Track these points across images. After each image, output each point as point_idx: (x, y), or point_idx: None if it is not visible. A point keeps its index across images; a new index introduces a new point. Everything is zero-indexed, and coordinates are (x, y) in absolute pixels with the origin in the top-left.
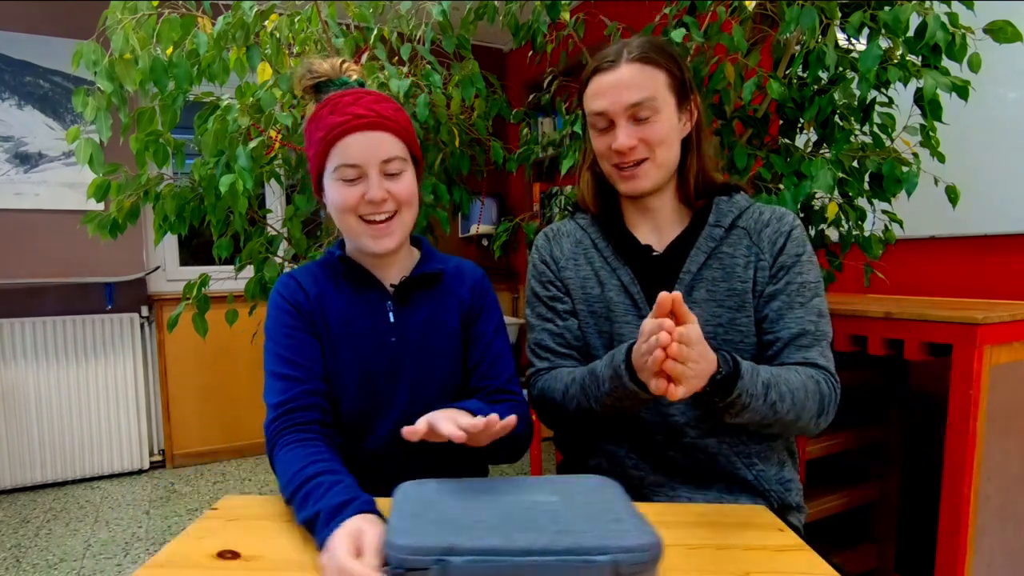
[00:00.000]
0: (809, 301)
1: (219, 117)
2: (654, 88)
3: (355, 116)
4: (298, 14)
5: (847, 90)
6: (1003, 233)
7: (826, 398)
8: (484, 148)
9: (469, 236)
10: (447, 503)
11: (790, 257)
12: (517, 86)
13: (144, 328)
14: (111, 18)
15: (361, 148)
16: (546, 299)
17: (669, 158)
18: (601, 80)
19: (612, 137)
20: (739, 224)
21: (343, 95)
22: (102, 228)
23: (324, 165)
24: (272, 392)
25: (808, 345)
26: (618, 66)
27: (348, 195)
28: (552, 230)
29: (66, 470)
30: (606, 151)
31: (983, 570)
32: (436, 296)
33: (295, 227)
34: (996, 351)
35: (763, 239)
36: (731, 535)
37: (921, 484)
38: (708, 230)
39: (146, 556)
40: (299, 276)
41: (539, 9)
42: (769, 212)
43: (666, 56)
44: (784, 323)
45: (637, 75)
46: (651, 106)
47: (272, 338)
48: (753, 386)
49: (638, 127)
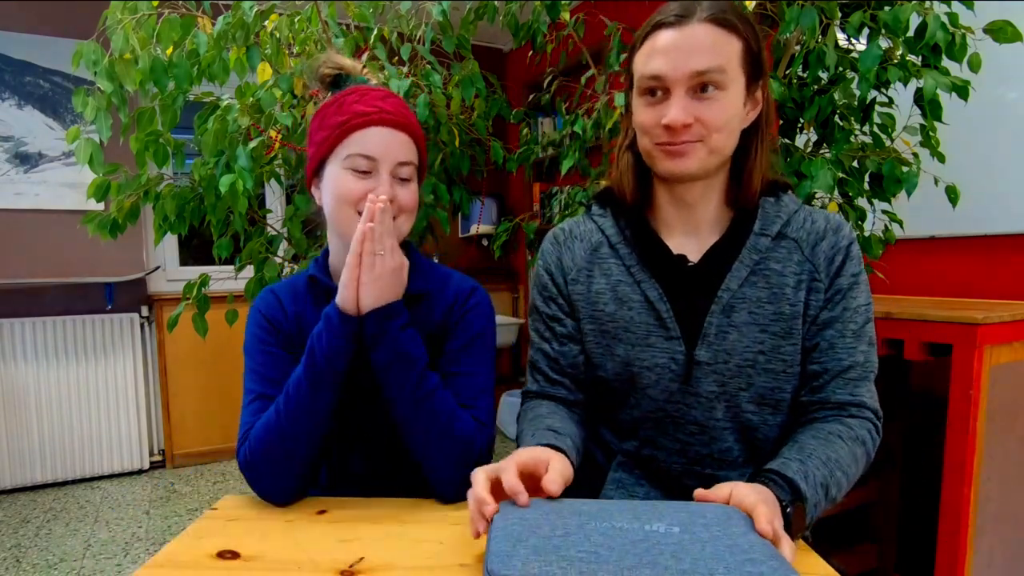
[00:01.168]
0: (861, 328)
1: (219, 117)
2: (727, 57)
3: (382, 111)
4: (298, 14)
5: (847, 90)
6: (1003, 233)
7: (871, 452)
8: (484, 148)
9: (469, 236)
10: (553, 527)
11: (848, 279)
12: (517, 86)
13: (144, 328)
14: (111, 18)
15: (381, 142)
16: (546, 316)
17: (726, 145)
18: (663, 37)
19: (663, 109)
20: (788, 234)
21: (371, 89)
22: (102, 228)
23: (333, 151)
24: (245, 412)
25: (857, 379)
26: (688, 23)
27: (354, 186)
28: (564, 231)
29: (66, 470)
30: (652, 125)
31: (983, 570)
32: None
33: (295, 227)
34: (996, 351)
35: (818, 255)
36: None
37: (921, 484)
38: (753, 240)
39: (146, 556)
40: (279, 292)
41: (539, 9)
42: (823, 220)
43: (746, 23)
44: (835, 353)
45: (710, 38)
46: (719, 80)
47: (250, 354)
48: (816, 494)
49: (698, 102)
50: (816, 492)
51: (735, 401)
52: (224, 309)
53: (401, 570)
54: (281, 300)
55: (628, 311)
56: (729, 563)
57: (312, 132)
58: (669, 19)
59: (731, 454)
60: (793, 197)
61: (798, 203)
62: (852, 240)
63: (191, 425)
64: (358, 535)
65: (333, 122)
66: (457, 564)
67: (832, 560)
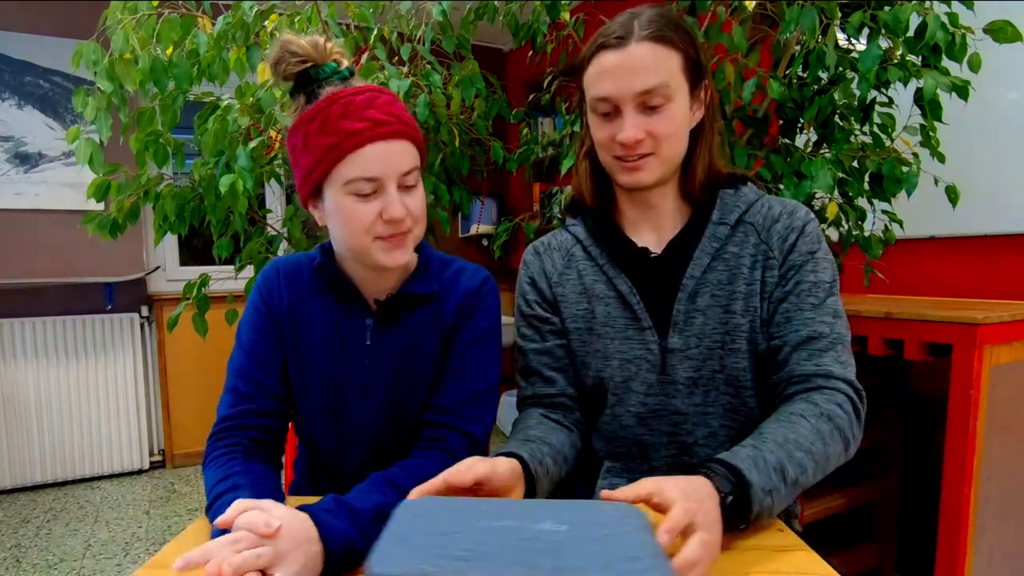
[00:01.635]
0: (823, 302)
1: (219, 117)
2: (668, 72)
3: (375, 123)
4: (298, 14)
5: (847, 90)
6: (1003, 233)
7: (846, 428)
8: (484, 148)
9: (469, 236)
10: (443, 525)
11: (801, 255)
12: (517, 86)
13: (144, 328)
14: (111, 18)
15: (382, 159)
16: (534, 319)
17: (677, 151)
18: (607, 59)
19: (616, 126)
20: (746, 219)
21: (354, 94)
22: (102, 228)
23: (328, 176)
24: (222, 404)
25: (822, 350)
26: (628, 44)
27: (364, 213)
28: (543, 244)
29: (66, 470)
30: (608, 141)
31: (983, 570)
32: (421, 318)
33: (295, 227)
34: (996, 351)
35: (772, 236)
36: (731, 535)
37: (921, 484)
38: (712, 228)
39: (146, 556)
40: (283, 272)
41: (539, 9)
42: (779, 206)
43: (682, 33)
44: (792, 326)
45: (650, 57)
46: (664, 93)
47: (239, 342)
48: (768, 480)
49: (647, 117)
50: (769, 477)
51: (712, 384)
52: (224, 309)
53: None
54: (281, 280)
55: (605, 307)
56: (606, 561)
57: (295, 152)
58: (611, 41)
59: (717, 438)
60: (753, 188)
61: (759, 194)
62: (807, 221)
63: (191, 425)
64: None
65: (321, 144)
66: None
67: (832, 560)
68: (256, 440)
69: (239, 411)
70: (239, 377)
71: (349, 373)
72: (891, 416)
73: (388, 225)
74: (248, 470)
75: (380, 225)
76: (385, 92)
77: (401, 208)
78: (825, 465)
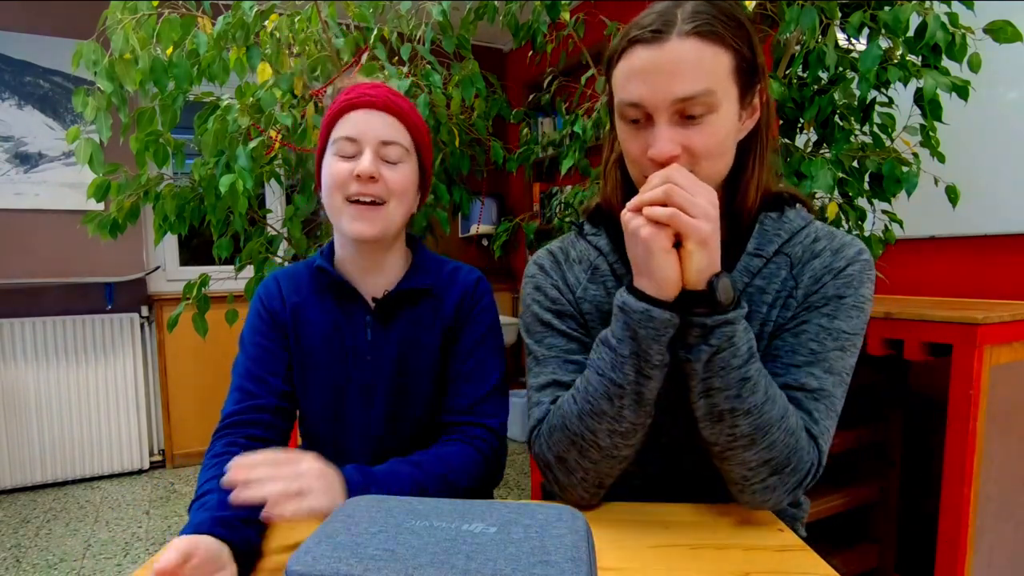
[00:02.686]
0: (824, 352)
1: (219, 117)
2: (715, 77)
3: (365, 94)
4: (298, 14)
5: (847, 90)
6: (1003, 233)
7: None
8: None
9: (469, 236)
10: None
11: (825, 297)
12: (517, 86)
13: (144, 328)
14: (111, 18)
15: (362, 122)
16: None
17: (718, 170)
18: (640, 57)
19: (647, 137)
20: (784, 250)
21: (365, 84)
22: (102, 228)
23: (327, 144)
24: (227, 403)
25: (799, 401)
26: (666, 40)
27: (338, 168)
28: (560, 252)
29: (66, 470)
30: (638, 155)
31: (983, 570)
32: (420, 313)
33: (295, 227)
34: (996, 351)
35: (805, 273)
36: (731, 535)
37: (921, 484)
38: (745, 261)
39: (146, 556)
40: (282, 280)
41: (539, 9)
42: (826, 240)
43: (735, 27)
44: (775, 368)
45: (693, 57)
46: (707, 102)
47: (243, 346)
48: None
49: (684, 129)
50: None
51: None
52: (224, 309)
53: None
54: (281, 288)
55: None
56: (522, 563)
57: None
58: (645, 35)
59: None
60: (801, 213)
61: (807, 220)
62: (852, 262)
63: (191, 425)
64: None
65: (326, 115)
66: None
67: (832, 560)
68: (258, 438)
69: (245, 407)
70: (244, 377)
71: (351, 372)
72: (891, 416)
73: (358, 182)
74: None
75: (352, 183)
76: (391, 89)
77: (371, 166)
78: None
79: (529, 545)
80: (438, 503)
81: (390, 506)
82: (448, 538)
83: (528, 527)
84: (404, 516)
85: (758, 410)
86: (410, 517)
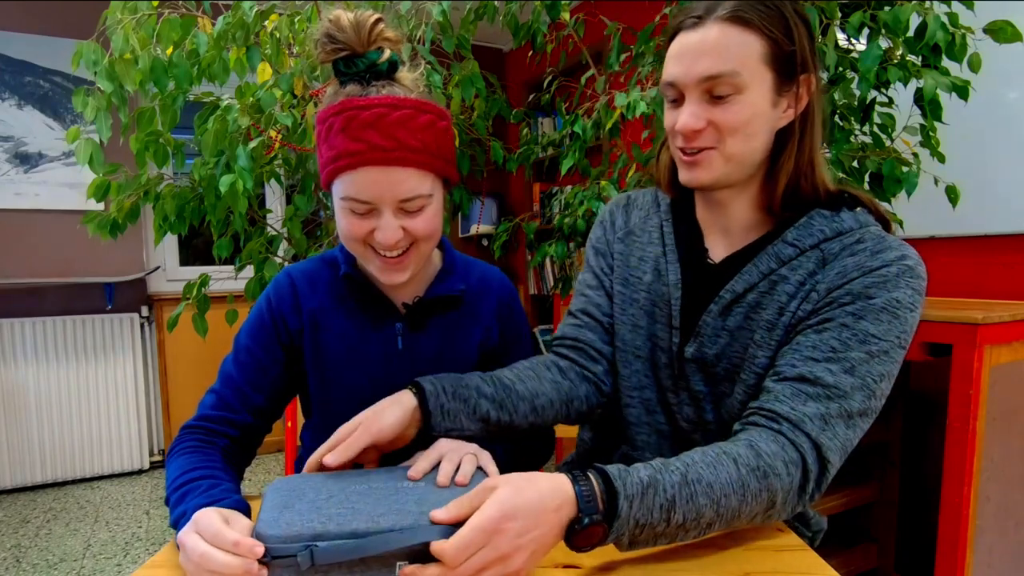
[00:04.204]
0: (845, 351)
1: (219, 117)
2: (741, 59)
3: (371, 146)
4: (298, 14)
5: (847, 90)
6: (1003, 233)
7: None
8: (484, 148)
9: (469, 236)
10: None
11: (851, 294)
12: (517, 86)
13: (144, 328)
14: (111, 18)
15: (374, 186)
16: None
17: (745, 151)
18: (679, 41)
19: (679, 114)
20: (821, 247)
21: (364, 107)
22: (102, 228)
23: (331, 184)
24: (204, 402)
25: (811, 397)
26: (704, 23)
27: (356, 227)
28: (628, 197)
29: (66, 470)
30: (670, 129)
31: (983, 570)
32: (455, 319)
33: (295, 227)
34: (996, 351)
35: (834, 268)
36: (731, 535)
37: (921, 484)
38: (778, 247)
39: (146, 556)
40: (299, 281)
41: (539, 9)
42: (872, 242)
43: (772, 17)
44: (790, 358)
45: (721, 40)
46: (733, 83)
47: (236, 347)
48: (647, 515)
49: (711, 106)
50: (649, 513)
51: (724, 404)
52: (224, 309)
53: None
54: (298, 291)
55: (659, 285)
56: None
57: (317, 141)
58: (688, 22)
59: None
60: (860, 216)
61: (862, 223)
62: (890, 263)
63: None
64: None
65: (324, 153)
66: None
67: (832, 560)
68: (227, 448)
69: (219, 416)
70: (228, 384)
71: (380, 381)
72: (891, 416)
73: (382, 245)
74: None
75: (374, 242)
76: (404, 106)
77: (393, 235)
78: (730, 520)
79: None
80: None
81: (319, 480)
82: (391, 493)
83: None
84: (344, 482)
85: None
86: (350, 483)
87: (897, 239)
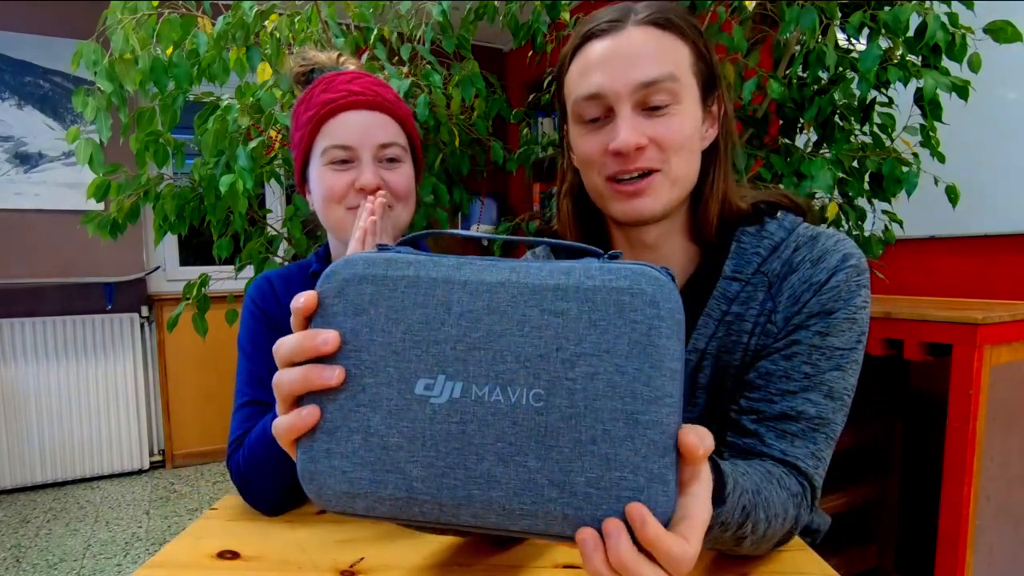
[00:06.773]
0: (820, 374)
1: (219, 117)
2: (675, 64)
3: (350, 92)
4: (298, 14)
5: (847, 90)
6: (1003, 233)
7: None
8: (484, 148)
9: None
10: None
11: (810, 316)
12: (517, 86)
13: (144, 328)
14: (111, 18)
15: (355, 127)
16: None
17: (689, 173)
18: (596, 49)
19: (609, 133)
20: (763, 269)
21: (338, 74)
22: (102, 228)
23: (311, 149)
24: (235, 418)
25: (796, 435)
26: (624, 28)
27: (335, 181)
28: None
29: (66, 470)
30: (598, 155)
31: (983, 570)
32: None
33: (295, 227)
34: (996, 351)
35: (783, 292)
36: None
37: (921, 484)
38: (723, 285)
39: (146, 556)
40: (275, 282)
41: (539, 9)
42: (807, 250)
43: (691, 27)
44: (768, 393)
45: (653, 43)
46: (670, 89)
47: (243, 349)
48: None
49: (649, 120)
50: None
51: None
52: (224, 309)
53: (401, 570)
54: (276, 289)
55: None
56: (590, 469)
57: (292, 136)
58: (601, 27)
59: None
60: (784, 221)
61: (790, 227)
62: (836, 270)
63: (191, 425)
64: (358, 535)
65: (304, 119)
66: (457, 564)
67: (832, 560)
68: None
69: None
70: (252, 386)
71: None
72: (891, 416)
73: (361, 194)
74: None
75: (353, 195)
76: (372, 75)
77: (372, 177)
78: (765, 541)
79: (605, 415)
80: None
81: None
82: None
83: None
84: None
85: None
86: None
87: (821, 228)
